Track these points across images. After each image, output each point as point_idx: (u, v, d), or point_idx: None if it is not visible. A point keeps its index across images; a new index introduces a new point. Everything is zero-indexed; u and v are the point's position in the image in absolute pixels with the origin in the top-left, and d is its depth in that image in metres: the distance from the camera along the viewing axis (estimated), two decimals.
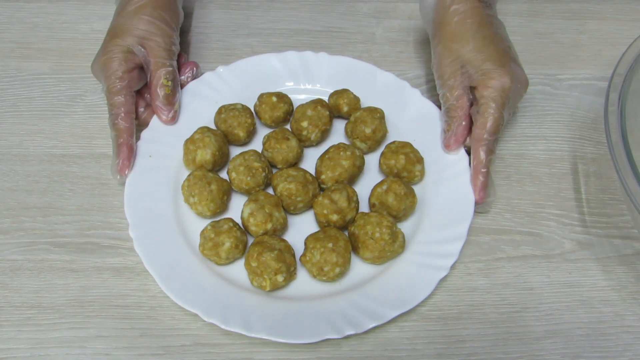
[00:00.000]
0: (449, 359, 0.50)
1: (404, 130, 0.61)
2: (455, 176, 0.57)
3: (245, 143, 0.60)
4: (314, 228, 0.55)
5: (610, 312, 0.53)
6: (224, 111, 0.58)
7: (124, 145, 0.55)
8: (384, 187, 0.54)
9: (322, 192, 0.55)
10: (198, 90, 0.62)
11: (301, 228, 0.55)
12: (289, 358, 0.50)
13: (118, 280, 0.53)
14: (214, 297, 0.50)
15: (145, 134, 0.58)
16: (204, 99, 0.61)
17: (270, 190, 0.57)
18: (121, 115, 0.55)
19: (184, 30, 0.69)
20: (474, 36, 0.57)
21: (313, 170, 0.57)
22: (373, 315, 0.49)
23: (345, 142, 0.60)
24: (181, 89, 0.61)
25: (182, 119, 0.60)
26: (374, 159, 0.59)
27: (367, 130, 0.58)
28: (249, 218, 0.53)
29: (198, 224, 0.54)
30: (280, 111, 0.59)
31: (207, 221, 0.54)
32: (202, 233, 0.52)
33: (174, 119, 0.59)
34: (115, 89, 0.56)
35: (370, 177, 0.59)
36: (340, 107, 0.60)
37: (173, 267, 0.51)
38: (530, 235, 0.56)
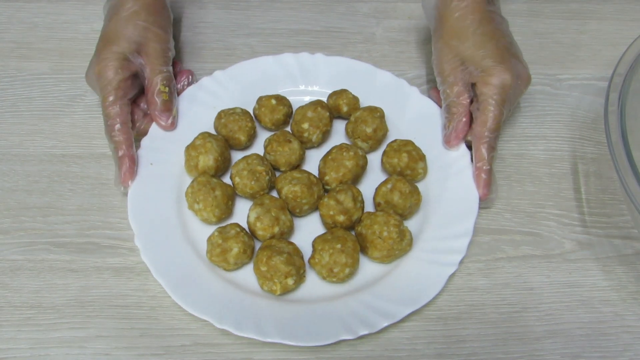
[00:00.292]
0: (449, 359, 0.50)
1: (404, 128, 0.61)
2: (458, 172, 0.57)
3: (246, 147, 0.60)
4: (319, 230, 0.55)
5: (610, 312, 0.53)
6: (224, 116, 0.58)
7: (125, 157, 0.54)
8: (389, 185, 0.54)
9: (326, 193, 0.55)
10: (196, 96, 0.61)
11: (307, 230, 0.55)
12: (288, 358, 0.50)
13: (118, 280, 0.53)
14: (224, 304, 0.50)
15: (145, 141, 0.58)
16: (202, 104, 0.61)
17: (274, 193, 0.57)
18: (117, 127, 0.55)
19: (176, 34, 0.69)
20: (475, 32, 0.57)
21: (316, 172, 0.57)
22: (386, 314, 0.49)
23: (345, 142, 0.60)
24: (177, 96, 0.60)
25: (181, 125, 0.59)
26: (375, 158, 0.59)
27: (368, 130, 0.58)
28: (255, 222, 0.52)
29: (203, 230, 0.54)
30: (280, 114, 0.59)
31: (212, 227, 0.54)
32: (209, 239, 0.52)
33: (173, 125, 0.58)
34: (111, 99, 0.55)
35: (373, 177, 0.59)
36: (339, 107, 0.60)
37: (182, 275, 0.51)
38: (530, 235, 0.56)
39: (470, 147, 0.58)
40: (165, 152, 0.58)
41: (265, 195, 0.54)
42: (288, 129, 0.61)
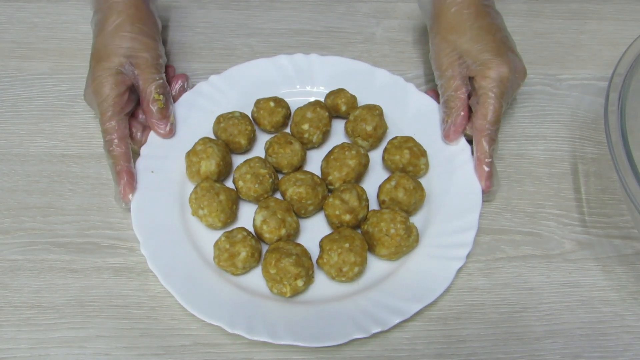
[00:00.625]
0: (449, 359, 0.50)
1: (403, 125, 0.61)
2: (459, 166, 0.57)
3: (246, 151, 0.60)
4: (325, 230, 0.55)
5: (610, 312, 0.53)
6: (223, 120, 0.58)
7: (122, 172, 0.54)
8: (393, 182, 0.54)
9: (330, 193, 0.55)
10: (193, 102, 0.61)
11: (313, 231, 0.55)
12: (288, 358, 0.50)
13: (118, 280, 0.53)
14: (235, 308, 0.50)
15: (144, 150, 0.57)
16: (200, 109, 0.61)
17: (277, 195, 0.57)
18: (115, 142, 0.55)
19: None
20: (471, 27, 0.57)
21: (318, 172, 0.57)
22: (397, 310, 0.49)
23: (345, 141, 0.60)
24: (173, 102, 0.60)
25: (180, 131, 0.59)
26: (375, 156, 0.60)
27: (368, 128, 0.58)
28: (262, 225, 0.52)
29: (208, 236, 0.54)
30: (279, 116, 0.59)
31: (217, 232, 0.53)
32: (217, 244, 0.52)
33: (172, 132, 0.58)
34: (108, 114, 0.55)
35: (375, 175, 0.59)
36: (338, 106, 0.60)
37: (190, 281, 0.51)
38: (530, 235, 0.56)
39: (470, 141, 0.58)
40: (165, 159, 0.57)
41: (269, 197, 0.54)
42: (287, 130, 0.61)
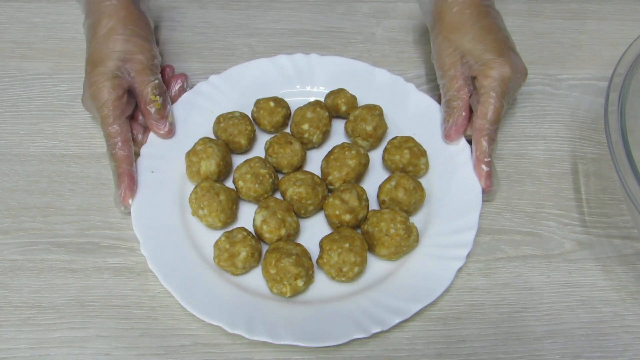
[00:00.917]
0: (449, 359, 0.50)
1: (403, 125, 0.61)
2: (459, 166, 0.57)
3: (246, 151, 0.60)
4: (325, 230, 0.55)
5: (610, 312, 0.53)
6: (223, 120, 0.58)
7: (124, 175, 0.54)
8: (393, 182, 0.54)
9: (330, 193, 0.55)
10: (193, 102, 0.61)
11: (313, 231, 0.55)
12: (288, 358, 0.50)
13: (118, 280, 0.53)
14: (235, 308, 0.50)
15: (144, 150, 0.57)
16: (199, 109, 0.61)
17: (277, 195, 0.57)
18: (118, 145, 0.55)
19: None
20: (473, 26, 0.57)
21: (318, 172, 0.57)
22: (397, 310, 0.49)
23: (345, 141, 0.59)
24: (172, 103, 0.60)
25: (180, 131, 0.59)
26: (375, 156, 0.60)
27: (369, 128, 0.58)
28: (262, 225, 0.52)
29: (208, 236, 0.54)
30: (279, 116, 0.59)
31: (217, 232, 0.53)
32: (217, 244, 0.52)
33: (171, 132, 0.58)
34: (109, 119, 0.55)
35: (375, 175, 0.59)
36: (338, 106, 0.60)
37: (190, 281, 0.51)
38: (530, 235, 0.56)
39: (470, 142, 0.58)
40: (165, 159, 0.57)
41: (269, 197, 0.54)
42: (287, 130, 0.61)
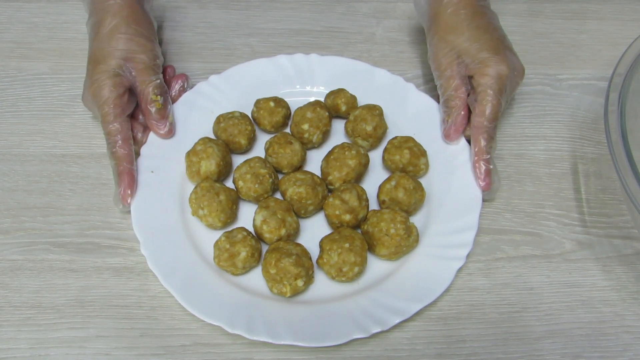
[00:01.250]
0: (449, 359, 0.50)
1: (403, 125, 0.61)
2: (459, 166, 0.57)
3: (246, 151, 0.60)
4: (325, 230, 0.55)
5: (610, 312, 0.53)
6: (223, 120, 0.58)
7: (124, 174, 0.54)
8: (393, 182, 0.54)
9: (330, 193, 0.55)
10: (193, 102, 0.61)
11: (313, 231, 0.55)
12: (288, 358, 0.50)
13: (118, 280, 0.53)
14: (235, 308, 0.50)
15: (144, 150, 0.57)
16: (200, 109, 0.61)
17: (277, 195, 0.57)
18: (119, 143, 0.55)
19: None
20: (469, 26, 0.58)
21: (318, 172, 0.57)
22: (396, 310, 0.49)
23: (345, 141, 0.60)
24: (172, 103, 0.60)
25: (180, 131, 0.59)
26: (375, 156, 0.60)
27: (369, 128, 0.58)
28: (262, 225, 0.52)
29: (208, 236, 0.54)
30: (279, 116, 0.59)
31: (217, 232, 0.53)
32: (217, 244, 0.52)
33: (171, 132, 0.58)
34: (110, 117, 0.55)
35: (375, 174, 0.59)
36: (338, 106, 0.60)
37: (190, 281, 0.51)
38: (530, 235, 0.56)
39: (469, 142, 0.58)
40: (165, 159, 0.57)
41: (269, 197, 0.54)
42: (287, 130, 0.61)
